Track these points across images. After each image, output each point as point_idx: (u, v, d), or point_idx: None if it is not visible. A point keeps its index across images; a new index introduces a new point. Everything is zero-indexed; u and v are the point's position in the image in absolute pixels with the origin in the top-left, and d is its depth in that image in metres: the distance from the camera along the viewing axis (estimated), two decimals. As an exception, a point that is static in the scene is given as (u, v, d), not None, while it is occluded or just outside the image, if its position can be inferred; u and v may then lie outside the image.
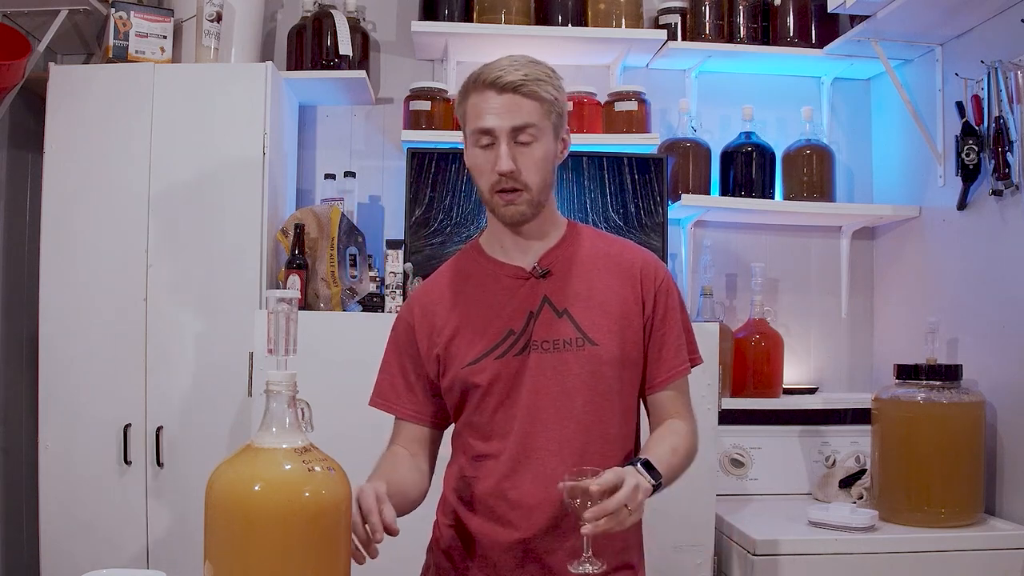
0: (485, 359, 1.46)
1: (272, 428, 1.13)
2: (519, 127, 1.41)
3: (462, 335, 1.48)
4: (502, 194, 1.43)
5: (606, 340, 1.45)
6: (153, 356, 2.31)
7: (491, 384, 1.45)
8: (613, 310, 1.47)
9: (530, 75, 1.42)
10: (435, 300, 1.53)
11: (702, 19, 2.72)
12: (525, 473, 1.44)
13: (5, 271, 2.53)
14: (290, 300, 1.18)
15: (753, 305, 2.64)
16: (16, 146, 2.55)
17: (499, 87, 1.40)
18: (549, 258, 1.50)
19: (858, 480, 2.38)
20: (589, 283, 1.48)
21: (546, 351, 1.44)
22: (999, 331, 2.27)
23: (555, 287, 1.48)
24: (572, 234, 1.54)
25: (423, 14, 2.67)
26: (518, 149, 1.42)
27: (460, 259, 1.58)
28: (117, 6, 2.41)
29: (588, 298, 1.47)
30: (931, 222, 2.59)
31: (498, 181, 1.42)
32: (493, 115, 1.40)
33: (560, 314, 1.46)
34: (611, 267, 1.50)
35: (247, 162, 2.35)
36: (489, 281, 1.51)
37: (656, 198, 2.49)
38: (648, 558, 2.14)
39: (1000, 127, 2.22)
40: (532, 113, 1.41)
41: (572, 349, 1.44)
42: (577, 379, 1.44)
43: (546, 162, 1.45)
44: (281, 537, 1.05)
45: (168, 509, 2.30)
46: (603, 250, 1.53)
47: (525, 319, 1.46)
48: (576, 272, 1.49)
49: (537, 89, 1.42)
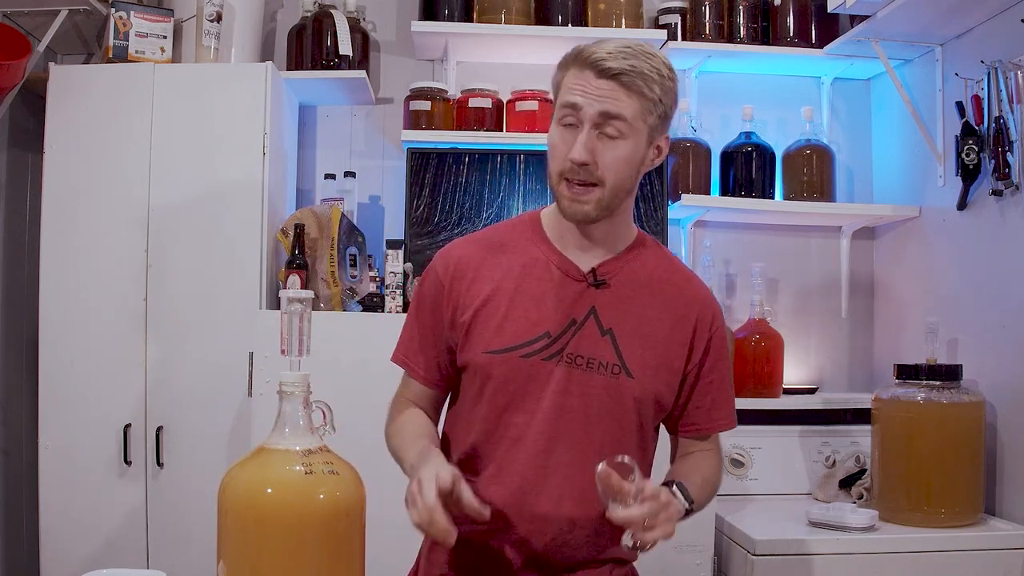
0: (510, 353, 1.34)
1: (285, 429, 1.13)
2: (608, 115, 1.27)
3: (493, 316, 1.36)
4: (570, 184, 1.31)
5: (642, 376, 1.36)
6: (153, 356, 2.31)
7: (506, 381, 1.35)
8: (658, 346, 1.37)
9: (637, 67, 1.27)
10: (473, 264, 1.40)
11: (702, 19, 2.72)
12: (535, 487, 1.35)
13: (5, 271, 2.53)
14: (303, 300, 1.18)
15: (753, 305, 2.63)
16: (16, 146, 2.55)
17: (600, 70, 1.27)
18: (609, 267, 1.38)
19: (858, 480, 2.38)
20: (642, 309, 1.38)
21: (578, 367, 1.34)
22: (999, 331, 2.27)
23: (607, 301, 1.37)
24: (640, 248, 1.42)
25: (423, 14, 2.67)
26: (601, 141, 1.29)
27: (512, 229, 1.44)
28: (117, 6, 2.41)
29: (637, 325, 1.37)
30: (931, 222, 2.59)
31: (569, 168, 1.30)
32: (583, 93, 1.27)
33: (604, 333, 1.35)
34: (668, 300, 1.40)
35: (247, 162, 2.35)
36: (538, 268, 1.38)
37: (656, 198, 2.49)
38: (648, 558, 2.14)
39: (1000, 127, 2.22)
40: (627, 107, 1.28)
41: (605, 374, 1.34)
42: (603, 406, 1.34)
43: (630, 164, 1.31)
44: (295, 539, 1.05)
45: (168, 509, 2.30)
46: (666, 277, 1.42)
47: (566, 325, 1.35)
48: (632, 292, 1.38)
49: (641, 84, 1.27)
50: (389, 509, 1.77)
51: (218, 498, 1.09)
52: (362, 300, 2.34)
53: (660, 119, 1.32)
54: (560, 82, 1.32)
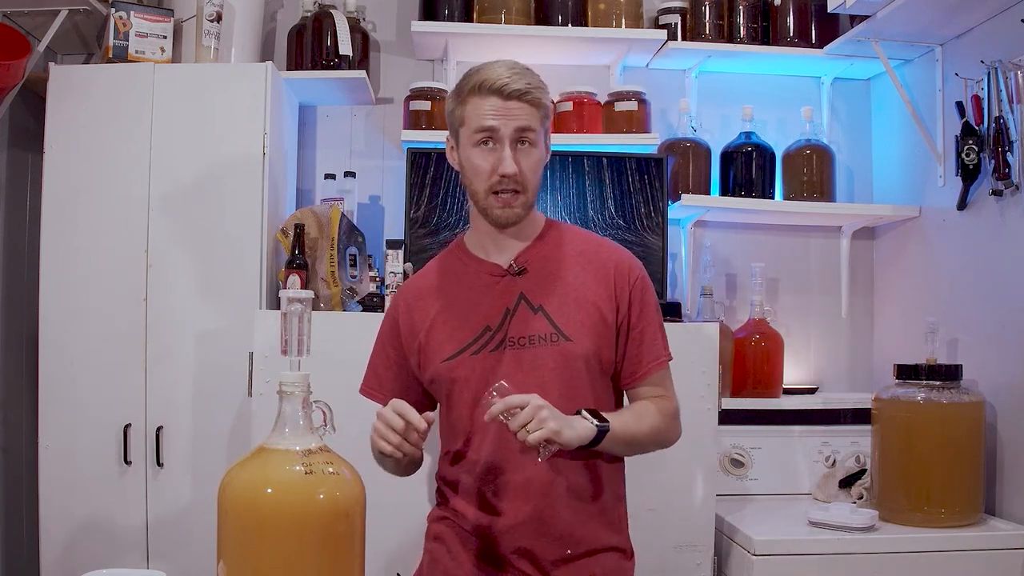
0: (462, 355, 1.52)
1: (285, 429, 1.12)
2: (522, 129, 1.47)
3: (441, 330, 1.55)
4: (499, 196, 1.49)
5: (579, 336, 1.50)
6: (153, 356, 2.31)
7: (467, 380, 1.51)
8: (587, 307, 1.52)
9: (532, 83, 1.48)
10: (420, 295, 1.60)
11: (702, 19, 2.72)
12: (505, 465, 1.50)
13: (5, 271, 2.53)
14: (303, 300, 1.18)
15: (753, 305, 2.63)
16: (16, 146, 2.55)
17: (504, 94, 1.46)
18: (526, 256, 1.56)
19: (858, 480, 2.38)
20: (564, 280, 1.54)
21: (522, 347, 1.50)
22: (999, 331, 2.27)
23: (531, 284, 1.53)
24: (549, 232, 1.60)
25: (423, 14, 2.67)
26: (519, 152, 1.48)
27: (445, 256, 1.65)
28: (117, 6, 2.41)
29: (563, 295, 1.53)
30: (931, 222, 2.59)
31: (499, 182, 1.48)
32: (498, 118, 1.47)
33: (536, 310, 1.52)
34: (586, 265, 1.55)
35: (247, 162, 2.35)
36: (469, 278, 1.57)
37: (656, 198, 2.49)
38: (648, 558, 2.14)
39: (1000, 127, 2.22)
40: (533, 119, 1.48)
41: (546, 344, 1.50)
42: (552, 373, 1.49)
43: (540, 166, 1.53)
44: (294, 539, 1.05)
45: (168, 509, 2.30)
46: (579, 248, 1.58)
47: (502, 316, 1.52)
48: (552, 269, 1.55)
49: (540, 97, 1.49)
50: (389, 509, 1.77)
51: (218, 498, 1.09)
52: (362, 300, 2.34)
53: (548, 121, 1.55)
54: (464, 112, 1.50)
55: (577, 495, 1.52)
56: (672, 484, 2.13)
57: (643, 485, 2.13)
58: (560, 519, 1.50)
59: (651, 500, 2.13)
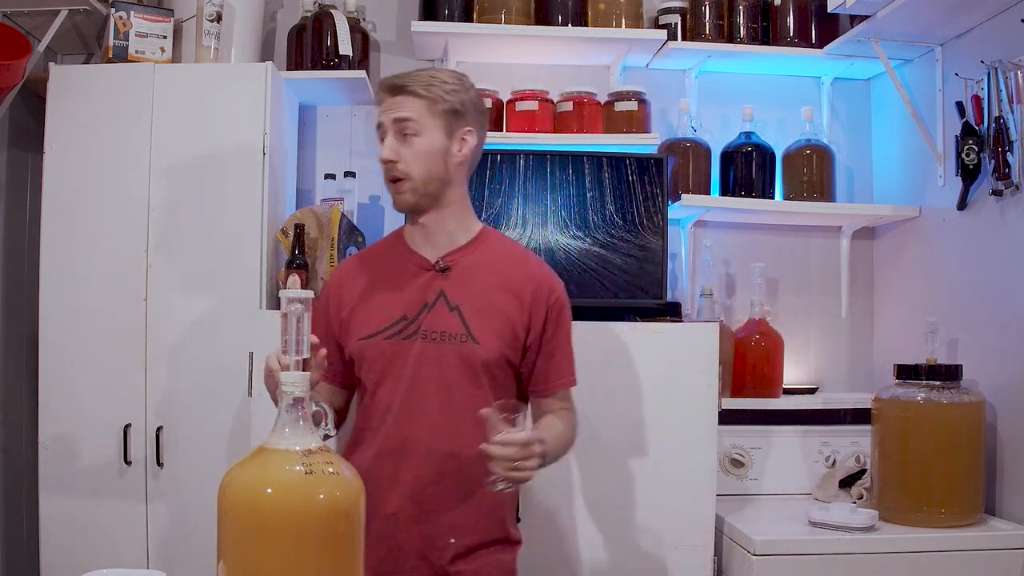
0: (376, 337, 1.61)
1: (285, 429, 1.12)
2: (399, 119, 1.57)
3: (362, 309, 1.64)
4: (391, 183, 1.60)
5: (488, 341, 1.58)
6: (153, 356, 2.31)
7: (374, 362, 1.60)
8: (501, 316, 1.60)
9: (417, 79, 1.59)
10: (352, 272, 1.71)
11: (702, 19, 2.72)
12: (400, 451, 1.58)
13: (5, 271, 2.53)
14: (303, 300, 1.18)
15: (753, 305, 2.63)
16: (16, 146, 2.55)
17: (388, 88, 1.60)
18: (454, 256, 1.64)
19: (858, 480, 2.38)
20: (485, 288, 1.62)
21: (432, 341, 1.58)
22: (999, 331, 2.27)
23: (453, 284, 1.62)
24: (481, 239, 1.68)
25: (423, 14, 2.67)
26: (402, 142, 1.58)
27: (385, 240, 1.76)
28: (117, 6, 2.41)
29: (481, 299, 1.61)
30: (931, 222, 2.59)
31: (385, 170, 1.60)
32: (383, 113, 1.60)
33: (452, 309, 1.60)
34: (508, 279, 1.63)
35: (247, 162, 2.35)
36: (397, 266, 1.66)
37: (656, 198, 2.49)
38: (648, 558, 2.14)
39: (1000, 127, 2.22)
40: (413, 108, 1.57)
41: (455, 343, 1.58)
42: (456, 371, 1.57)
43: (430, 156, 1.59)
44: (294, 540, 1.05)
45: (168, 509, 2.30)
46: (506, 259, 1.67)
47: (419, 308, 1.60)
48: (475, 275, 1.63)
49: (419, 89, 1.58)
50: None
51: (218, 498, 1.09)
52: (362, 300, 2.34)
53: (451, 114, 1.60)
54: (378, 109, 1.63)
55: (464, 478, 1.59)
56: (672, 484, 2.13)
57: (643, 485, 2.13)
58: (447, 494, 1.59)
59: (651, 500, 2.13)
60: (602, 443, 2.13)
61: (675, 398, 2.14)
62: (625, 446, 2.14)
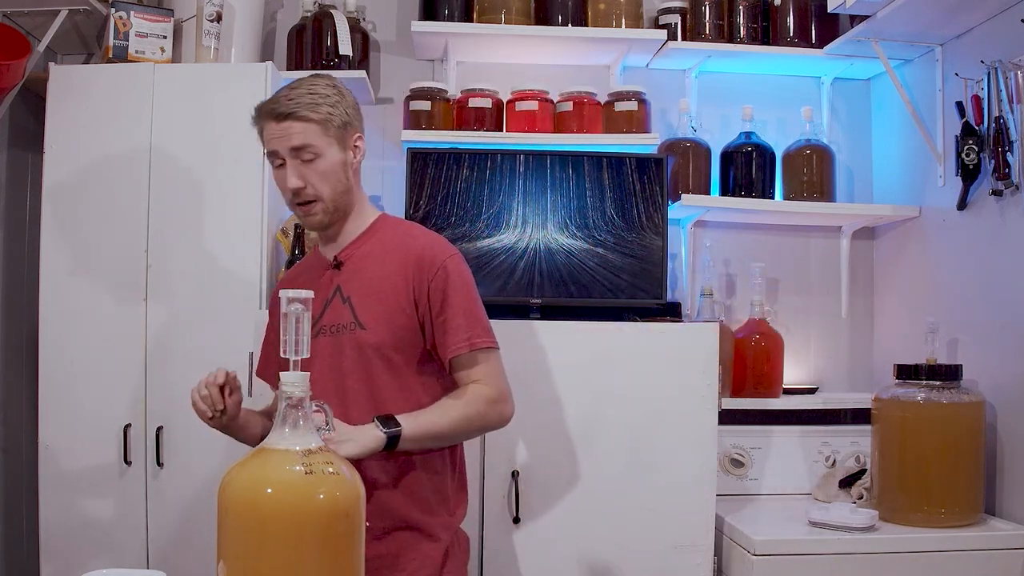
0: None
1: (285, 429, 1.12)
2: (295, 148, 1.58)
3: None
4: (299, 206, 1.62)
5: (374, 325, 1.60)
6: (153, 356, 2.31)
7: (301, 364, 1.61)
8: (387, 298, 1.61)
9: (302, 102, 1.58)
10: (289, 279, 1.79)
11: (702, 19, 2.72)
12: None
13: (5, 271, 2.53)
14: (303, 300, 1.18)
15: (753, 305, 2.63)
16: (16, 146, 2.55)
17: (276, 116, 1.58)
18: (348, 251, 1.68)
19: (858, 480, 2.38)
20: (372, 274, 1.64)
21: (332, 334, 1.63)
22: (999, 331, 2.27)
23: (346, 278, 1.66)
24: (375, 228, 1.70)
25: (423, 14, 2.67)
26: (304, 167, 1.59)
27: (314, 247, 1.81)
28: (117, 6, 2.41)
29: (368, 286, 1.63)
30: (931, 222, 2.59)
31: (293, 196, 1.61)
32: (275, 140, 1.59)
33: (344, 301, 1.64)
34: (393, 260, 1.64)
35: (247, 162, 2.35)
36: (310, 270, 1.74)
37: (656, 198, 2.49)
38: (648, 558, 2.14)
39: (1000, 127, 2.22)
40: (308, 134, 1.58)
41: (347, 332, 1.61)
42: (350, 360, 1.60)
43: (334, 173, 1.62)
44: (295, 539, 1.05)
45: (168, 509, 2.30)
46: (394, 242, 1.67)
47: (322, 306, 1.64)
48: (365, 264, 1.66)
49: (307, 113, 1.58)
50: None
51: (218, 498, 1.09)
52: (362, 300, 2.34)
53: (342, 127, 1.63)
54: (260, 134, 1.64)
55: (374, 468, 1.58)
56: (672, 484, 2.13)
57: (643, 485, 2.13)
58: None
59: (651, 500, 2.13)
60: (602, 443, 2.13)
61: (675, 398, 2.14)
62: (625, 446, 2.14)
